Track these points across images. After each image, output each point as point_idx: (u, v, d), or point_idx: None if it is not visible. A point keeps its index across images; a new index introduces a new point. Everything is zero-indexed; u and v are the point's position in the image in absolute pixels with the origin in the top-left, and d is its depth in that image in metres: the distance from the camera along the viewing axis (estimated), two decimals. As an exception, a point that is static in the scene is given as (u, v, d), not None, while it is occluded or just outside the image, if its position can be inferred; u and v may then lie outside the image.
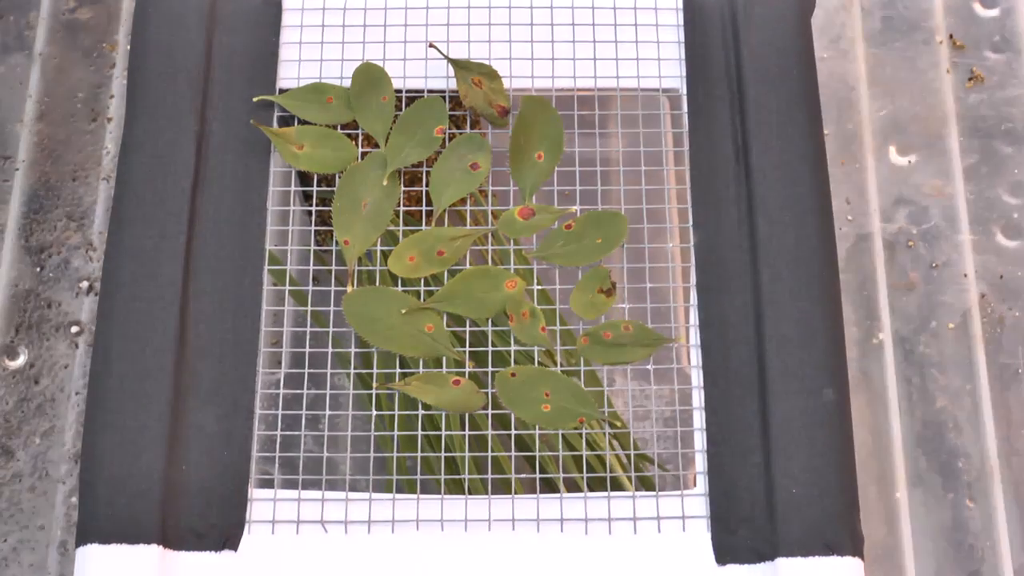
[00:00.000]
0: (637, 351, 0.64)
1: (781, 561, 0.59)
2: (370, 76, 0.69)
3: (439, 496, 0.61)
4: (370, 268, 0.66)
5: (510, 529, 0.61)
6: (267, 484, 0.63)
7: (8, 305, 0.70)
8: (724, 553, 0.60)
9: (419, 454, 0.63)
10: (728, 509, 0.61)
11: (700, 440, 0.62)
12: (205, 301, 0.64)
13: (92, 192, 0.72)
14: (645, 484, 0.63)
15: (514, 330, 0.64)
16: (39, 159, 0.73)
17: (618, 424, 0.64)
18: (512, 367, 0.63)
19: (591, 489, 0.62)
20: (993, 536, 0.67)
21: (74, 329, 0.69)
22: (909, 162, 0.75)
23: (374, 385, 0.63)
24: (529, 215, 0.67)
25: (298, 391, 0.64)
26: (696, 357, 0.64)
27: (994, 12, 0.79)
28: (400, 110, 0.69)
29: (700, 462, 0.62)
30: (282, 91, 0.69)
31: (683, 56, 0.70)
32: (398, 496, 0.61)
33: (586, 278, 0.65)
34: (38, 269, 0.71)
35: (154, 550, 0.59)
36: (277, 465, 0.64)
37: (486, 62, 0.69)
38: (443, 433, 0.63)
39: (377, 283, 0.66)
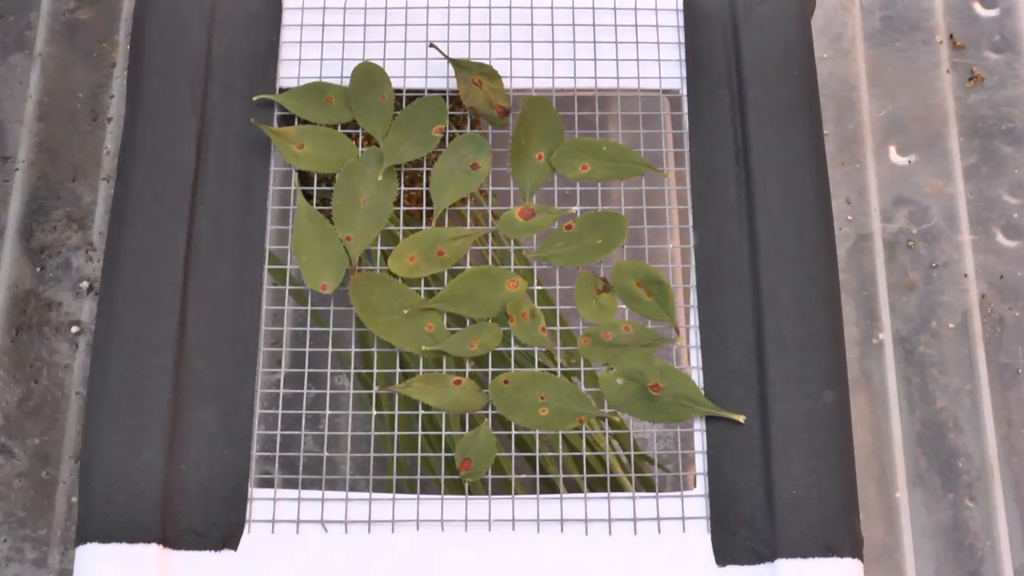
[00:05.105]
0: (637, 351, 0.64)
1: (781, 562, 0.59)
2: (369, 75, 0.69)
3: (439, 496, 0.61)
4: (371, 268, 0.66)
5: (510, 529, 0.61)
6: (267, 484, 0.63)
7: (8, 305, 0.70)
8: (724, 554, 0.60)
9: (419, 454, 0.63)
10: (728, 510, 0.61)
11: (700, 441, 0.62)
12: (205, 301, 0.64)
13: (92, 192, 0.72)
14: (645, 485, 0.63)
15: (514, 330, 0.64)
16: (39, 159, 0.73)
17: (616, 422, 0.64)
18: (504, 374, 0.63)
19: (591, 490, 0.62)
20: (993, 536, 0.67)
21: (74, 329, 0.69)
22: (909, 162, 0.75)
23: (374, 386, 0.63)
24: (529, 215, 0.67)
25: (298, 391, 0.64)
26: (696, 358, 0.64)
27: (994, 12, 0.79)
28: (400, 109, 0.69)
29: (700, 463, 0.62)
30: (282, 90, 0.69)
31: (683, 57, 0.70)
32: (398, 496, 0.61)
33: (579, 286, 0.65)
34: (38, 269, 0.71)
35: (153, 549, 0.59)
36: (277, 465, 0.65)
37: (486, 62, 0.69)
38: (443, 433, 0.63)
39: (377, 283, 0.66)
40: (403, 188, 0.68)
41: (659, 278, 0.65)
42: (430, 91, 0.70)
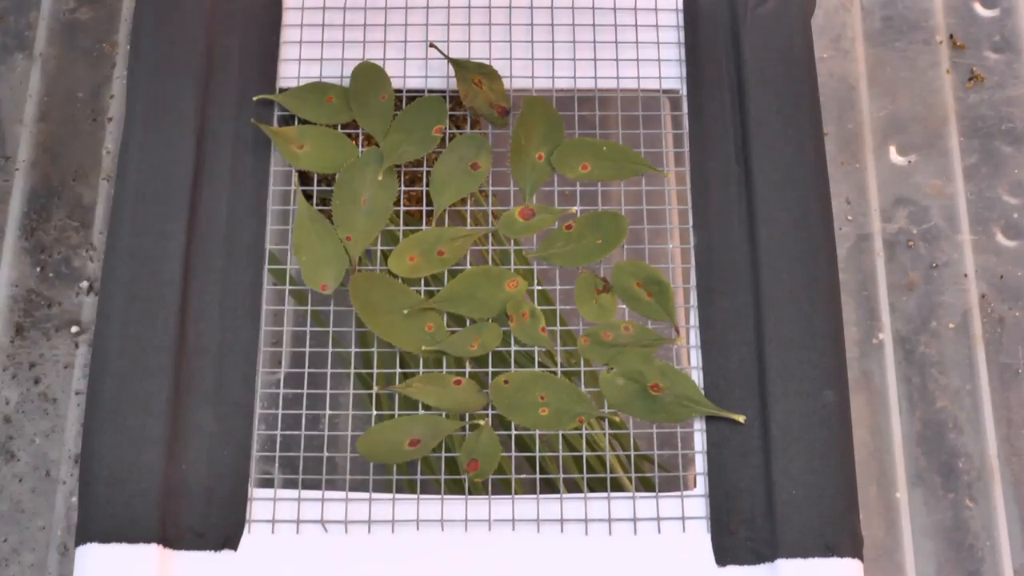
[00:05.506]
0: (637, 351, 0.64)
1: (781, 562, 0.59)
2: (369, 75, 0.69)
3: (439, 496, 0.61)
4: (371, 268, 0.66)
5: (510, 529, 0.61)
6: (267, 484, 0.63)
7: (8, 305, 0.70)
8: (724, 554, 0.60)
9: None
10: (728, 510, 0.61)
11: (700, 441, 0.62)
12: (205, 300, 0.64)
13: (92, 192, 0.72)
14: (645, 485, 0.63)
15: (514, 330, 0.64)
16: (39, 159, 0.73)
17: (616, 422, 0.64)
18: (504, 374, 0.63)
19: (591, 490, 0.62)
20: (993, 536, 0.67)
21: (74, 329, 0.69)
22: (909, 162, 0.75)
23: (374, 386, 0.63)
24: (529, 215, 0.67)
25: (298, 391, 0.64)
26: (696, 358, 0.64)
27: (994, 12, 0.79)
28: (400, 109, 0.69)
29: (700, 463, 0.62)
30: (282, 90, 0.69)
31: (683, 57, 0.70)
32: (398, 496, 0.61)
33: (579, 286, 0.65)
34: (38, 269, 0.71)
35: (154, 549, 0.59)
36: (277, 465, 0.65)
37: (486, 62, 0.69)
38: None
39: (377, 283, 0.66)
40: (403, 188, 0.68)
41: (659, 278, 0.65)
42: (430, 91, 0.70)
